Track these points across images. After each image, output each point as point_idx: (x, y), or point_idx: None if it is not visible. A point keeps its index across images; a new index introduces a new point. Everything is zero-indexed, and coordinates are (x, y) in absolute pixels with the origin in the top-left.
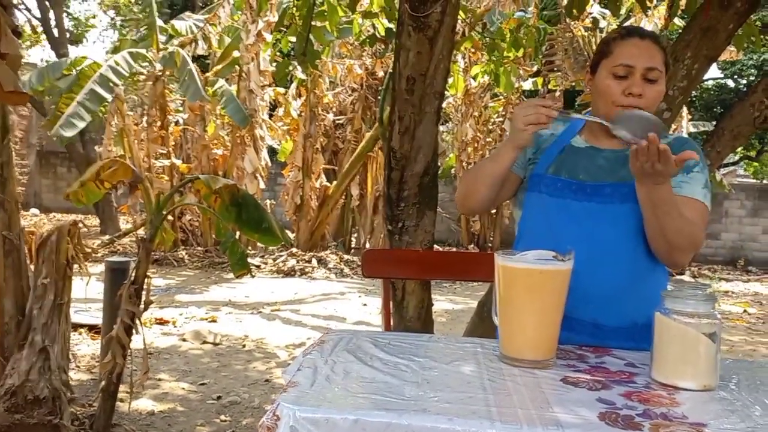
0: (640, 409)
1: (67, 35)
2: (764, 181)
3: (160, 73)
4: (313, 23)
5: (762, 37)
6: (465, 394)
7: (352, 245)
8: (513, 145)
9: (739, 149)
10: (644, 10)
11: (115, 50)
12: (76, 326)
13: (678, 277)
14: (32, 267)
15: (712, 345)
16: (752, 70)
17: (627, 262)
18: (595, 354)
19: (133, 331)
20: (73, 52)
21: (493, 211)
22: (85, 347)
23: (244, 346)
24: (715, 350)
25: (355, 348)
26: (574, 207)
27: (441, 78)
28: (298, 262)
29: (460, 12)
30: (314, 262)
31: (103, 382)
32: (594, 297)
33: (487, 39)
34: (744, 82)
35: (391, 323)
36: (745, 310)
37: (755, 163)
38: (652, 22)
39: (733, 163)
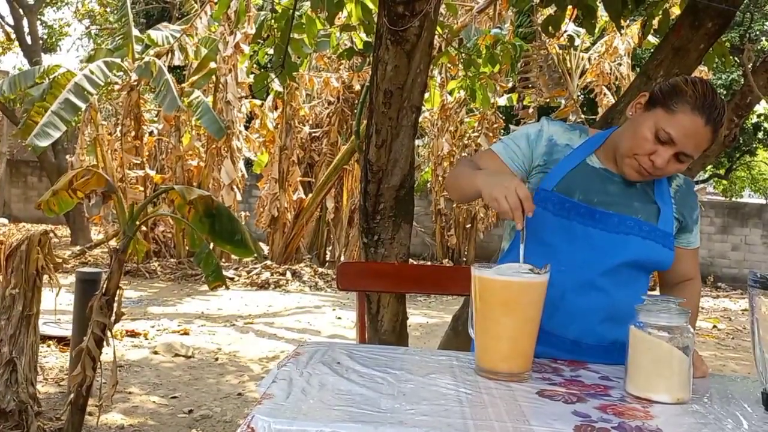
0: (615, 422)
1: (41, 43)
2: (733, 199)
3: (135, 83)
4: (291, 35)
5: (732, 57)
6: (441, 407)
7: (327, 258)
8: (482, 192)
9: (709, 168)
10: (618, 29)
11: (90, 59)
12: (45, 338)
13: (652, 292)
14: (0, 277)
15: (686, 358)
16: (721, 90)
17: (619, 290)
18: (570, 367)
19: (104, 343)
20: (47, 60)
21: (468, 225)
22: (54, 359)
23: (216, 359)
24: (688, 363)
25: (330, 360)
26: (576, 230)
27: (418, 92)
28: (272, 274)
29: (438, 27)
30: (288, 274)
31: (71, 395)
32: (580, 318)
33: (464, 55)
34: None
35: (366, 336)
36: (714, 326)
37: (724, 181)
38: (625, 41)
39: (703, 181)
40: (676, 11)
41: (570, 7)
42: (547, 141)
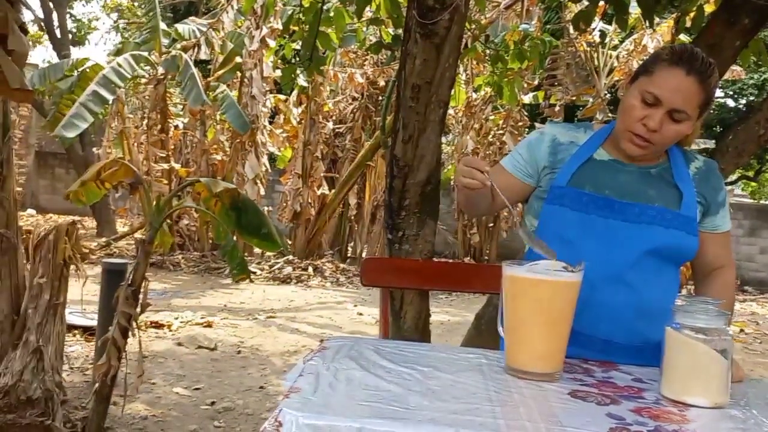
0: (651, 426)
1: (70, 36)
2: (762, 201)
3: (162, 77)
4: (320, 29)
5: None
6: (471, 405)
7: (349, 254)
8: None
9: (738, 169)
10: (651, 25)
11: (118, 52)
12: (71, 328)
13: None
14: (28, 266)
15: (724, 361)
16: (752, 90)
17: (647, 283)
18: (602, 368)
19: (129, 333)
20: (75, 53)
21: (491, 224)
22: (80, 349)
23: (239, 352)
24: (726, 367)
25: (357, 355)
26: (597, 223)
27: (446, 86)
28: (294, 269)
29: (466, 23)
30: (310, 270)
31: (96, 385)
32: (609, 316)
33: (491, 51)
34: (743, 101)
35: (389, 333)
36: (742, 330)
37: (753, 183)
38: (655, 39)
39: (732, 183)
40: (709, 9)
41: (600, 3)
42: (550, 142)
